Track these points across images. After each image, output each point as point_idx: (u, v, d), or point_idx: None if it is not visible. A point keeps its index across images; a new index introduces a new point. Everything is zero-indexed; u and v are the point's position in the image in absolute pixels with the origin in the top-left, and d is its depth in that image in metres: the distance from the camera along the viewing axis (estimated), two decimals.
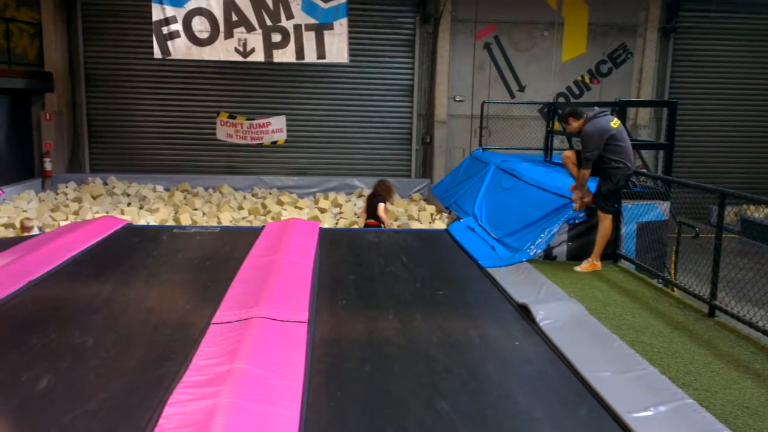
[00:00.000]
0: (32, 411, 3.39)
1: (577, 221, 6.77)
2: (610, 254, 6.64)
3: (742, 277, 5.11)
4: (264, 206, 11.33)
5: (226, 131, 12.79)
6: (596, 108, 6.50)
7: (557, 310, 5.00)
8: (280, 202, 11.76)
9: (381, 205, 9.09)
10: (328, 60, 11.18)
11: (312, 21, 10.89)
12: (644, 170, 8.68)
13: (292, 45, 10.96)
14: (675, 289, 6.03)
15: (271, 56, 11.00)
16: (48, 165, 12.69)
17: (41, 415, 3.33)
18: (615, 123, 6.24)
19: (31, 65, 12.66)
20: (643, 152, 9.80)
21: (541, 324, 4.79)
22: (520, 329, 4.83)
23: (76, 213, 10.21)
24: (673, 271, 7.03)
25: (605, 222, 6.35)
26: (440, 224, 10.42)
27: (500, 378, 3.99)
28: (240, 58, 11.03)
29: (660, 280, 6.19)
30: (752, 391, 3.78)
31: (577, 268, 6.36)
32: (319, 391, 3.68)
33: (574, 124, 6.39)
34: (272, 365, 3.79)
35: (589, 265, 6.37)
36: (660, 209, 6.86)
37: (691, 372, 4.01)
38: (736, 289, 5.11)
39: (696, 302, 5.37)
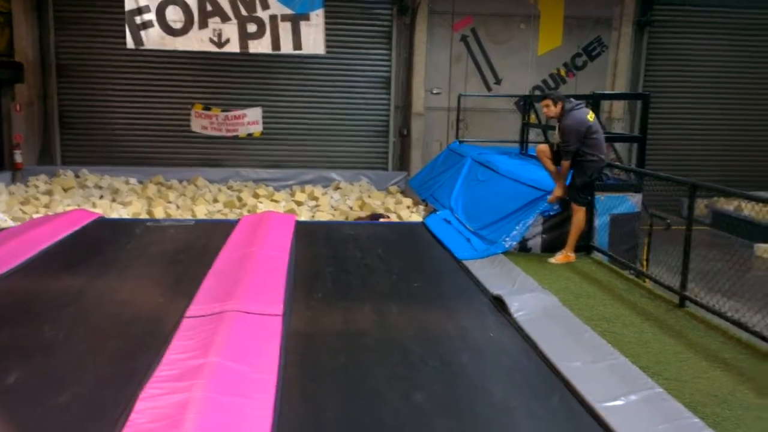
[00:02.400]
0: (2, 406, 3.33)
1: (551, 213, 6.82)
2: (584, 246, 6.71)
3: (712, 269, 5.21)
4: (239, 199, 11.24)
5: (200, 123, 12.64)
6: (572, 100, 6.56)
7: (531, 302, 5.05)
8: (255, 195, 11.67)
9: None
10: (304, 51, 11.09)
11: (288, 11, 10.78)
12: (617, 163, 8.78)
13: (267, 36, 10.85)
14: (646, 280, 6.12)
15: (247, 47, 10.88)
16: (18, 157, 12.42)
17: (11, 410, 3.28)
18: (591, 116, 6.31)
19: (0, 55, 12.39)
20: (617, 145, 9.91)
21: (515, 315, 4.83)
22: (494, 321, 4.87)
23: (47, 206, 10.03)
24: (644, 263, 7.12)
25: (579, 214, 6.42)
26: (417, 217, 10.43)
27: (475, 369, 4.02)
28: (215, 49, 10.89)
29: (632, 272, 6.27)
30: (721, 380, 3.85)
31: (552, 260, 6.42)
32: (294, 384, 3.68)
33: (556, 110, 6.41)
34: (246, 358, 3.77)
35: (563, 256, 6.43)
36: (632, 201, 6.94)
37: (661, 362, 4.07)
38: (706, 279, 5.21)
39: (667, 293, 5.46)
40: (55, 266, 5.85)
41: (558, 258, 6.44)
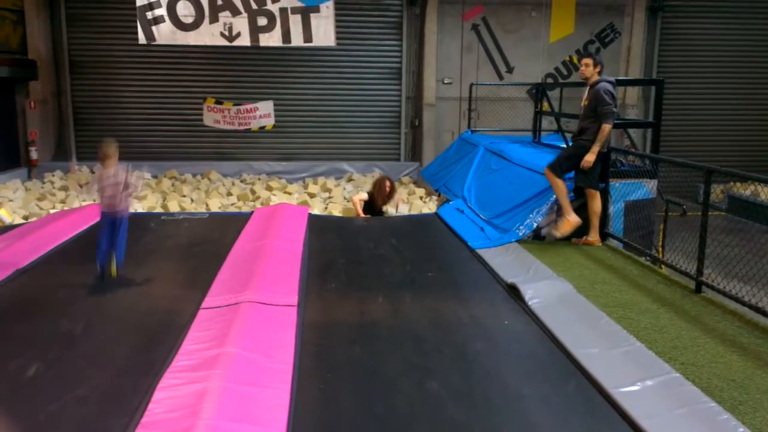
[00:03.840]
0: (22, 398, 3.38)
1: None
2: (599, 233, 6.68)
3: (728, 254, 5.16)
4: (253, 192, 11.28)
5: (213, 117, 12.68)
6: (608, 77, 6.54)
7: (546, 289, 5.03)
8: (269, 188, 11.71)
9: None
10: (315, 43, 11.08)
11: (298, 4, 10.77)
12: (632, 149, 8.71)
13: (278, 29, 10.85)
14: (662, 266, 6.08)
15: (258, 40, 10.88)
16: (34, 154, 12.54)
17: (31, 402, 3.33)
18: None
19: (14, 53, 12.48)
20: (631, 131, 9.82)
21: (529, 303, 4.82)
22: (509, 309, 4.86)
23: (63, 201, 10.13)
24: (660, 249, 7.07)
25: (595, 199, 6.41)
26: (430, 207, 10.41)
27: (489, 357, 4.02)
28: (226, 43, 10.91)
29: (647, 258, 6.23)
30: (738, 364, 3.82)
31: (574, 239, 6.47)
32: (310, 374, 3.69)
33: (592, 72, 6.42)
34: (262, 349, 3.80)
35: (586, 239, 6.47)
36: (647, 188, 6.89)
37: (678, 347, 4.05)
38: (722, 265, 5.16)
39: (683, 279, 5.42)
40: (72, 260, 5.91)
41: (582, 239, 6.48)
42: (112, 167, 5.23)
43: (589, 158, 6.28)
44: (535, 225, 6.75)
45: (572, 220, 6.41)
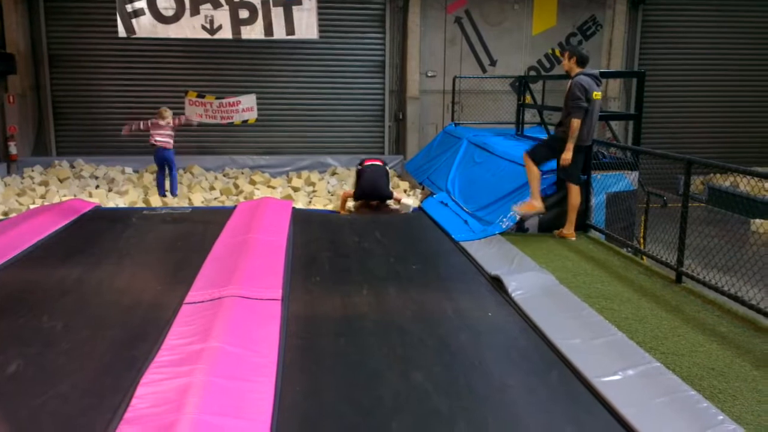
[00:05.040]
0: (3, 394, 3.35)
1: (549, 193, 6.83)
2: (581, 225, 6.73)
3: (708, 245, 5.22)
4: (236, 186, 11.22)
5: (195, 111, 12.55)
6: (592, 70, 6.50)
7: (529, 281, 5.07)
8: (252, 182, 11.65)
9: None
10: (297, 36, 11.03)
11: None
12: (614, 141, 8.78)
13: (260, 21, 10.78)
14: (643, 257, 6.14)
15: (239, 33, 10.81)
16: (13, 149, 12.36)
17: (12, 398, 3.30)
18: (597, 94, 6.27)
19: None
20: (613, 123, 9.89)
21: (513, 295, 4.85)
22: (492, 300, 4.89)
23: (43, 197, 10.01)
24: (641, 240, 7.14)
25: (572, 192, 6.45)
26: (414, 200, 10.42)
27: (473, 348, 4.04)
28: (207, 36, 10.82)
29: (629, 249, 6.29)
30: (717, 353, 3.88)
31: (555, 232, 6.53)
32: (294, 367, 3.69)
33: (568, 64, 6.41)
34: (246, 343, 3.79)
35: (561, 233, 6.52)
36: (629, 179, 6.95)
37: (659, 336, 4.10)
38: (702, 255, 5.22)
39: (663, 269, 5.49)
40: (53, 256, 5.85)
41: (559, 231, 6.56)
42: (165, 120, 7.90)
43: (566, 156, 6.29)
44: (518, 217, 6.79)
45: (535, 204, 6.53)
